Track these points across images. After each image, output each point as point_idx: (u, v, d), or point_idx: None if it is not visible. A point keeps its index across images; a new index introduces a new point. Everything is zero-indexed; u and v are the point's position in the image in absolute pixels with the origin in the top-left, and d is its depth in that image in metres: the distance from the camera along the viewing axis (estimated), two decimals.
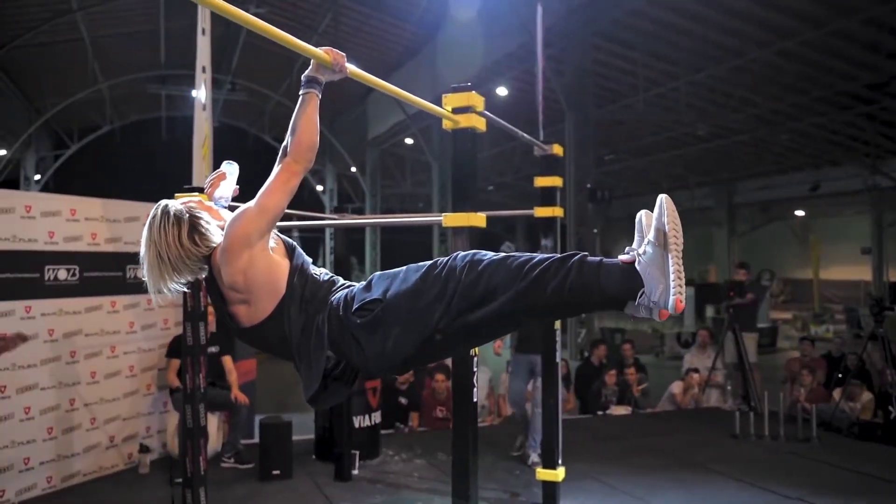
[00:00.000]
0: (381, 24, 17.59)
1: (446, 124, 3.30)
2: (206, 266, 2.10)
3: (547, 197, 4.61)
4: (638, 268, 1.74)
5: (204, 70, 5.60)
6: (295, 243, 2.19)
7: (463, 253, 1.97)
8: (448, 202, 20.74)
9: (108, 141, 23.50)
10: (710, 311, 19.37)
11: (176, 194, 4.13)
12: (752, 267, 24.94)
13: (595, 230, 16.49)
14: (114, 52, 19.32)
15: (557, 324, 4.66)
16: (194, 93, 5.69)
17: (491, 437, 6.38)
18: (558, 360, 4.64)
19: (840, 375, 7.56)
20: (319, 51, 2.17)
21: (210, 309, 5.49)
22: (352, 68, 2.31)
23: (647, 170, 22.11)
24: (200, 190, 4.05)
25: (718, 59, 14.18)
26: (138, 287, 5.48)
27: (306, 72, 2.16)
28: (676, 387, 7.70)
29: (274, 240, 2.15)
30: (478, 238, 3.19)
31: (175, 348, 5.47)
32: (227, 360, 5.78)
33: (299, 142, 2.06)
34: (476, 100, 3.26)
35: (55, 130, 23.19)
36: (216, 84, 21.87)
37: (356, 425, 5.51)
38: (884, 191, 19.57)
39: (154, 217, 2.05)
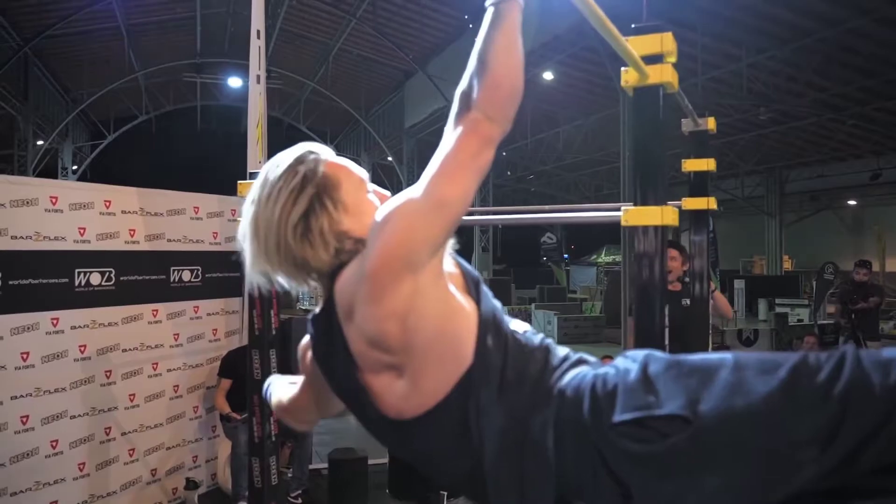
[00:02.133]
0: (419, 7, 16.53)
1: (628, 78, 2.25)
2: (321, 284, 1.16)
3: (698, 184, 3.54)
4: None
5: (259, 35, 4.59)
6: (476, 274, 1.18)
7: (862, 353, 0.93)
8: (489, 187, 19.71)
9: (145, 130, 22.85)
10: (762, 306, 18.17)
11: (240, 183, 3.15)
12: (800, 257, 23.62)
13: None
14: (149, 41, 18.61)
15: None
16: (237, 81, 4.67)
17: None
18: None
19: None
20: None
21: None
22: None
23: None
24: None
25: (784, 38, 12.96)
26: (184, 292, 4.52)
27: None
28: None
29: (450, 262, 1.14)
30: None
31: (228, 366, 4.52)
32: None
33: (496, 84, 1.03)
34: (669, 45, 2.21)
35: (92, 120, 22.51)
36: (248, 71, 21.03)
37: None
38: None
39: (283, 159, 1.19)
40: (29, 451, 3.74)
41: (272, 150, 1.88)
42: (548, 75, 16.33)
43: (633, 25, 2.29)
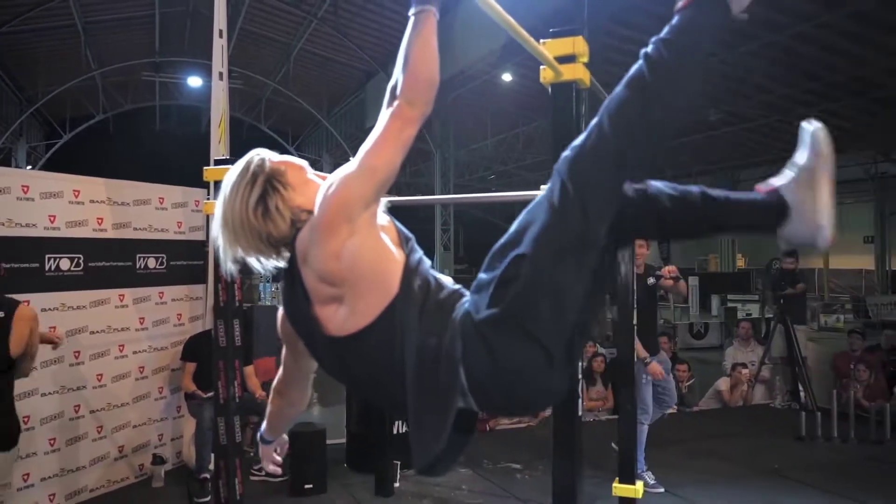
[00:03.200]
0: (380, 8, 16.86)
1: (545, 76, 2.65)
2: (284, 252, 1.48)
3: None
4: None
5: (221, 34, 4.90)
6: (409, 234, 1.54)
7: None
8: (450, 190, 20.06)
9: (102, 130, 22.69)
10: (715, 302, 18.86)
11: (205, 169, 3.47)
12: (754, 255, 24.44)
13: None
14: (107, 39, 18.56)
15: (634, 318, 4.03)
16: (197, 80, 4.98)
17: (528, 439, 5.78)
18: (635, 359, 4.01)
19: (893, 370, 7.00)
20: None
21: None
22: None
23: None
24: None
25: (730, 43, 13.61)
26: (149, 278, 4.81)
27: None
28: (723, 383, 7.09)
29: (385, 218, 1.50)
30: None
31: (190, 350, 4.81)
32: (249, 371, 5.07)
33: (415, 76, 1.39)
34: (581, 46, 2.61)
35: (47, 119, 22.32)
36: (210, 71, 21.12)
37: (395, 431, 4.86)
38: (887, 179, 19.13)
39: (236, 166, 1.51)
40: None
41: (233, 151, 2.16)
42: (506, 76, 16.80)
43: (550, 30, 2.67)
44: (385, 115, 1.40)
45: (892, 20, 11.93)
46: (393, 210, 1.60)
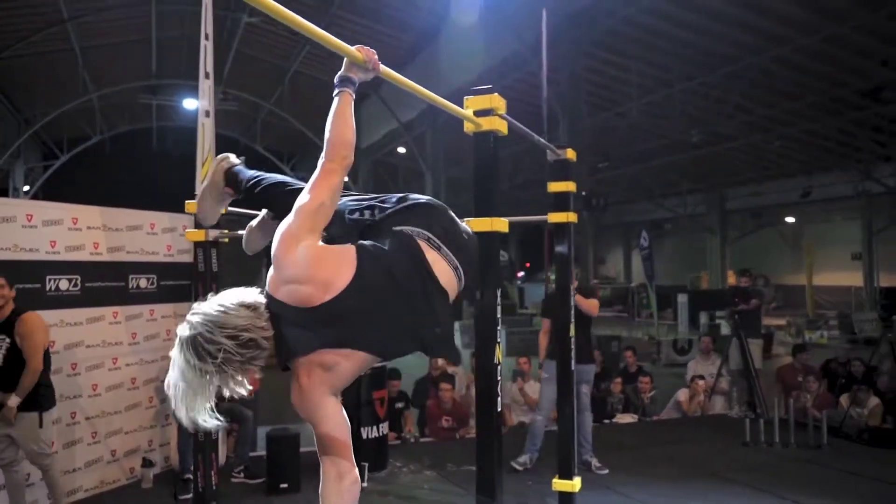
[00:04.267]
0: (375, 34, 17.55)
1: (468, 127, 3.21)
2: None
3: (560, 202, 4.51)
4: None
5: (207, 76, 5.48)
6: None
7: None
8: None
9: (99, 151, 23.30)
10: (703, 318, 19.37)
11: (187, 202, 4.03)
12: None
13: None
14: (104, 63, 19.22)
15: (572, 331, 4.57)
16: (193, 102, 5.55)
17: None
18: (572, 367, 4.54)
19: (844, 381, 7.52)
20: (353, 49, 2.09)
21: None
22: (384, 68, 2.24)
23: (641, 176, 22.16)
24: None
25: (712, 66, 14.23)
26: (140, 297, 5.38)
27: (340, 72, 2.07)
28: (682, 394, 7.62)
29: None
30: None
31: None
32: None
33: (332, 141, 1.95)
34: (499, 102, 3.18)
35: (44, 141, 22.98)
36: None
37: (363, 436, 5.39)
38: (874, 196, 19.70)
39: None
40: None
41: None
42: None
43: (472, 88, 3.24)
44: (317, 170, 1.93)
45: (863, 44, 12.57)
46: None
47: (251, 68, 20.61)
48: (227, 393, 1.74)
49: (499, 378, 3.17)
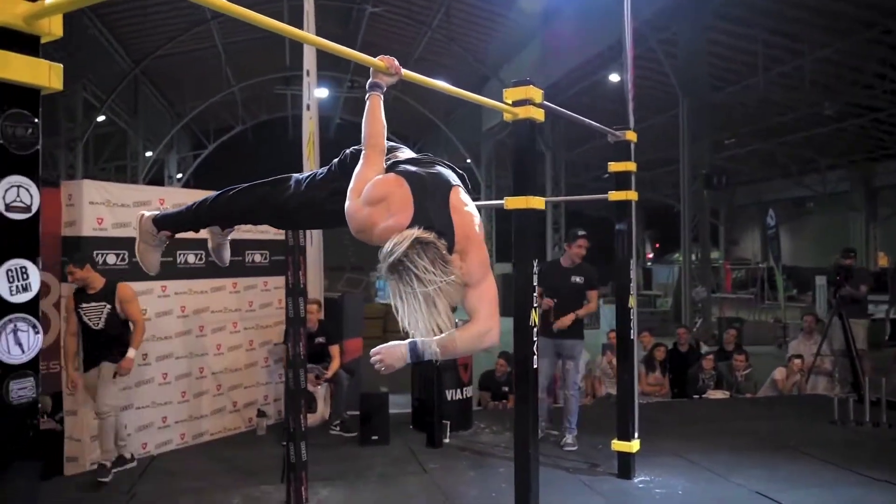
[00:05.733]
0: (491, 15, 18.00)
1: (506, 116, 3.67)
2: None
3: (621, 181, 4.86)
4: None
5: (308, 73, 6.24)
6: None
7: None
8: (561, 190, 20.87)
9: (242, 140, 25.37)
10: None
11: None
12: None
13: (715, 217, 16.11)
14: (244, 57, 20.92)
15: (632, 302, 4.91)
16: (323, 92, 6.29)
17: (584, 415, 6.67)
18: (633, 337, 4.89)
19: None
20: (376, 59, 2.62)
21: (311, 307, 6.26)
22: (404, 71, 2.73)
23: (775, 153, 21.24)
24: None
25: (845, 32, 13.53)
26: (255, 270, 6.23)
27: (369, 80, 2.57)
28: (779, 373, 7.63)
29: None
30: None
31: None
32: (334, 349, 6.40)
33: (366, 134, 2.45)
34: (534, 93, 3.60)
35: (194, 132, 25.27)
36: (337, 82, 23.18)
37: (448, 398, 5.98)
38: None
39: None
40: (148, 379, 5.51)
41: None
42: (614, 77, 17.41)
43: (511, 81, 3.69)
44: (360, 159, 2.44)
45: None
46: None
47: (376, 56, 21.65)
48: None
49: (534, 339, 3.63)
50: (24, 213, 1.64)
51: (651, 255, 31.42)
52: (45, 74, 1.66)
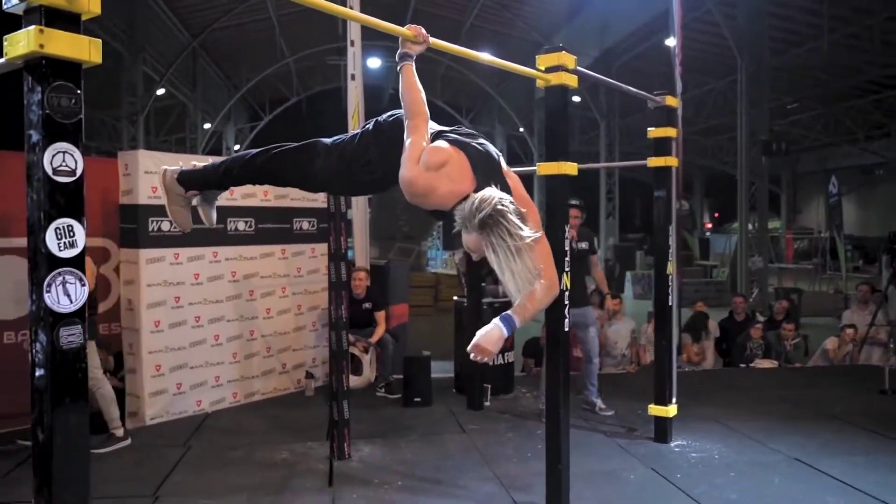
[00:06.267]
0: None
1: (539, 83, 3.72)
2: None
3: (661, 147, 4.86)
4: None
5: (353, 44, 6.36)
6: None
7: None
8: (615, 158, 20.62)
9: (296, 111, 25.80)
10: None
11: None
12: None
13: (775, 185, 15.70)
14: (297, 29, 21.18)
15: (671, 268, 4.94)
16: (376, 61, 6.39)
17: (627, 382, 6.76)
18: (671, 303, 4.93)
19: None
20: (403, 28, 2.71)
21: (359, 274, 6.44)
22: (432, 39, 2.80)
23: (842, 118, 20.49)
24: None
25: None
26: (303, 237, 6.45)
27: (399, 50, 2.66)
28: (830, 343, 7.52)
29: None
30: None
31: None
32: (380, 315, 6.61)
33: (407, 105, 2.54)
34: (566, 59, 3.65)
35: (250, 104, 25.81)
36: (390, 52, 23.26)
37: (489, 363, 6.11)
38: None
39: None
40: (201, 341, 5.80)
41: None
42: (670, 41, 17.00)
43: (544, 47, 3.73)
44: (406, 129, 2.53)
45: None
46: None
47: (429, 25, 21.58)
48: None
49: (565, 303, 3.72)
50: (70, 176, 1.81)
51: (709, 225, 30.79)
52: (86, 49, 1.81)
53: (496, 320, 2.40)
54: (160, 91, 19.69)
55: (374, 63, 22.56)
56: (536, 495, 3.85)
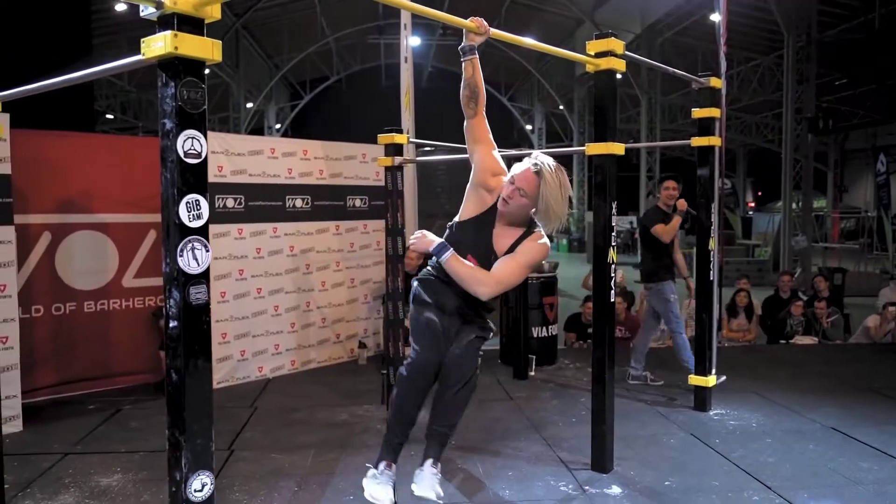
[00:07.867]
0: None
1: (589, 67, 3.98)
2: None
3: (704, 127, 5.07)
4: None
5: (405, 27, 6.64)
6: None
7: None
8: (656, 136, 20.59)
9: (336, 89, 26.16)
10: None
11: (379, 136, 5.23)
12: None
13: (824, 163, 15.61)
14: (338, 8, 21.48)
15: (712, 244, 5.17)
16: (416, 40, 6.68)
17: (668, 356, 6.99)
18: (712, 278, 5.17)
19: None
20: (467, 21, 3.00)
21: (411, 253, 6.77)
22: (493, 30, 3.10)
23: (893, 94, 20.10)
24: (399, 132, 5.12)
25: None
26: (356, 214, 6.83)
27: (463, 43, 2.98)
28: (871, 320, 7.67)
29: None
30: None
31: None
32: None
33: (478, 98, 2.94)
34: (615, 44, 3.90)
35: (291, 83, 26.23)
36: (429, 30, 23.44)
37: (534, 335, 6.44)
38: None
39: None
40: (261, 311, 6.22)
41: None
42: (715, 17, 16.91)
43: (594, 34, 3.98)
44: (472, 120, 2.99)
45: None
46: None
47: (469, 3, 21.74)
48: None
49: (612, 275, 4.01)
50: (196, 158, 2.15)
51: (752, 204, 30.52)
52: (210, 49, 2.15)
53: (443, 241, 3.01)
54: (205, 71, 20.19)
55: (414, 41, 22.84)
56: (582, 455, 4.16)
